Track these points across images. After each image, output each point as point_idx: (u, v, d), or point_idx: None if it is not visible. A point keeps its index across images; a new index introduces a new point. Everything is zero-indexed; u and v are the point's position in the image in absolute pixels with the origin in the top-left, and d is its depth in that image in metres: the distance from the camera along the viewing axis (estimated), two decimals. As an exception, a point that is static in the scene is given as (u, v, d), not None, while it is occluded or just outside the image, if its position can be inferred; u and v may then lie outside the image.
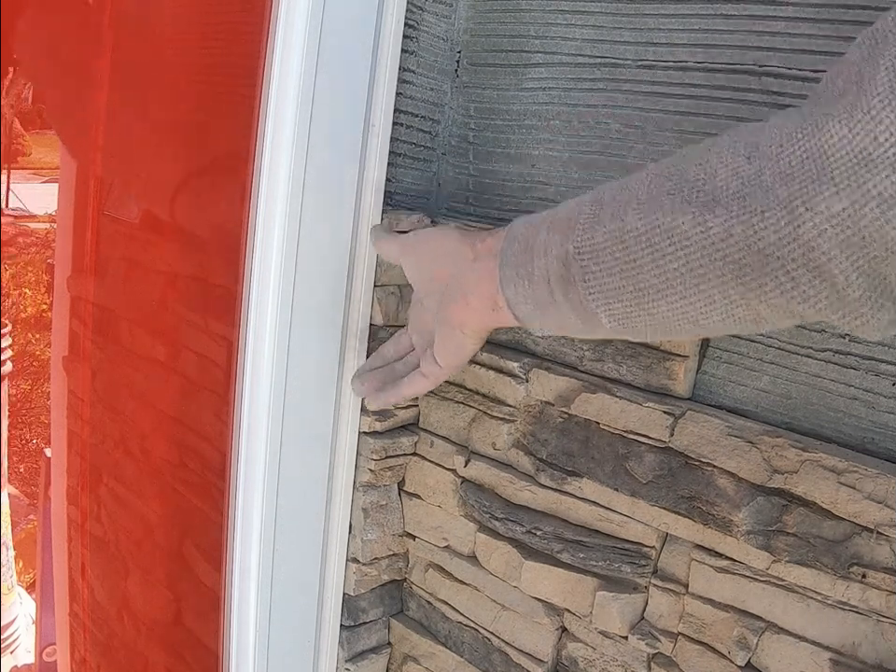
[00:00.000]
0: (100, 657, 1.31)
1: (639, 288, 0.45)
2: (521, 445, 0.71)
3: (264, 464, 0.70)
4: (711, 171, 0.41)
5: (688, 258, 0.42)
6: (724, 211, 0.40)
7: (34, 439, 5.44)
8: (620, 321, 0.47)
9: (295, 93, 0.63)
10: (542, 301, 0.51)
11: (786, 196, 0.37)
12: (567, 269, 0.48)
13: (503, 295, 0.53)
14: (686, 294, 0.43)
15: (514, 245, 0.52)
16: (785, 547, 0.56)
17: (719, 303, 0.43)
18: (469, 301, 0.57)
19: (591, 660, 0.68)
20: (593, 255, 0.46)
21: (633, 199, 0.45)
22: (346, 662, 0.81)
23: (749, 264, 0.40)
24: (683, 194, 0.42)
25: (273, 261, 0.66)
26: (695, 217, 0.41)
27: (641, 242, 0.44)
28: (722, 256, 0.41)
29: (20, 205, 5.47)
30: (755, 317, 0.43)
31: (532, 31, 0.71)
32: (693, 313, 0.44)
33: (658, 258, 0.43)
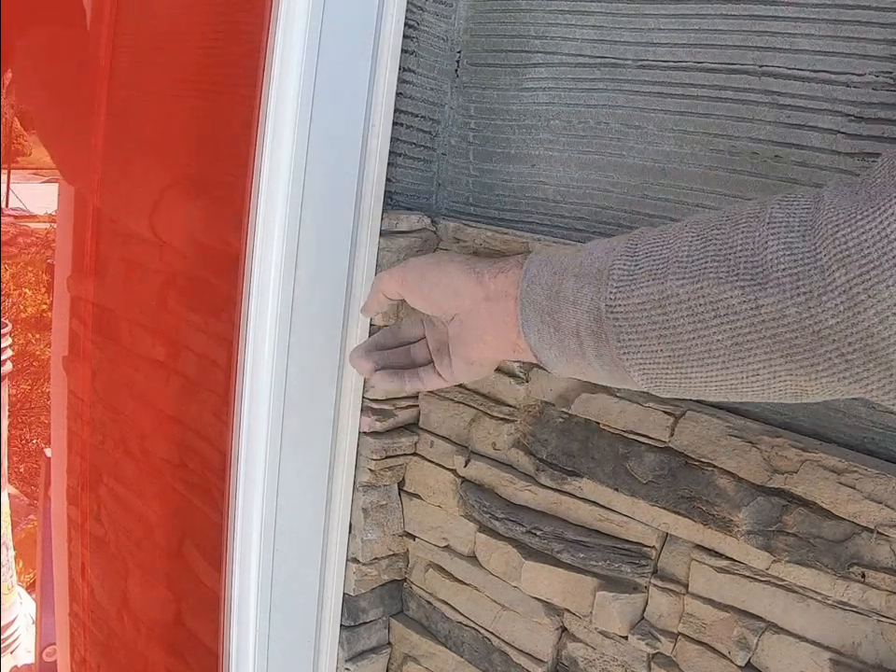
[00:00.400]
0: (100, 657, 1.31)
1: (678, 354, 0.43)
2: (521, 445, 0.71)
3: (264, 464, 0.70)
4: (761, 241, 0.40)
5: (734, 332, 0.41)
6: (777, 289, 0.39)
7: (34, 439, 5.44)
8: (653, 381, 0.46)
9: (295, 93, 0.63)
10: (569, 352, 0.49)
11: (845, 280, 0.36)
12: (600, 325, 0.46)
13: (525, 339, 0.51)
14: (728, 365, 0.42)
15: (536, 290, 0.50)
16: (785, 547, 0.56)
17: (762, 376, 0.42)
18: (486, 343, 0.55)
19: (591, 660, 0.68)
20: (628, 315, 0.45)
21: (673, 259, 0.43)
22: (346, 662, 0.81)
23: (802, 345, 0.39)
24: (730, 263, 0.41)
25: (272, 261, 0.66)
26: (745, 293, 0.40)
27: (682, 310, 0.42)
28: (773, 334, 0.39)
29: (20, 205, 5.47)
30: (798, 391, 0.42)
31: (532, 31, 0.71)
32: (734, 381, 0.43)
33: (701, 328, 0.42)
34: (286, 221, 0.65)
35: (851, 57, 0.54)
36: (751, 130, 0.59)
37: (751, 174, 0.60)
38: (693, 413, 0.60)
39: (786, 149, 0.58)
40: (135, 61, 1.01)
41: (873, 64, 0.54)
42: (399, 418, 0.77)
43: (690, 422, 0.60)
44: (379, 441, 0.76)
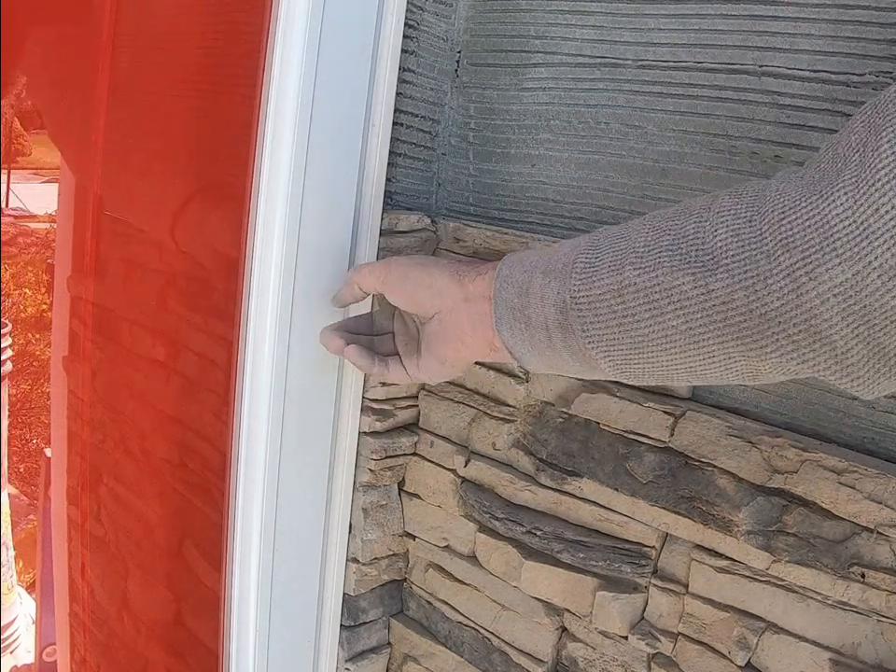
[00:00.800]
0: (100, 657, 1.31)
1: (638, 341, 0.45)
2: (521, 445, 0.71)
3: (264, 464, 0.70)
4: (711, 229, 0.42)
5: (688, 317, 0.43)
6: (726, 274, 0.40)
7: (34, 439, 5.44)
8: (619, 368, 0.48)
9: (295, 93, 0.63)
10: (540, 346, 0.51)
11: (789, 264, 0.38)
12: (565, 317, 0.48)
13: (499, 337, 0.53)
14: (686, 349, 0.44)
15: (508, 289, 0.52)
16: (785, 547, 0.56)
17: (718, 359, 0.43)
18: (464, 342, 0.56)
19: (591, 660, 0.68)
20: (590, 306, 0.46)
21: (630, 251, 0.45)
22: (346, 662, 0.81)
23: (751, 327, 0.40)
24: (682, 251, 0.43)
25: (272, 261, 0.66)
26: (696, 278, 0.42)
27: (640, 298, 0.44)
28: (724, 318, 0.41)
29: (20, 205, 5.47)
30: (753, 372, 0.43)
31: (532, 31, 0.71)
32: (693, 365, 0.44)
33: (657, 314, 0.44)
34: (286, 221, 0.65)
35: (851, 57, 0.54)
36: (751, 130, 0.59)
37: (751, 174, 0.60)
38: (693, 413, 0.60)
39: (786, 149, 0.58)
40: (135, 61, 1.01)
41: (873, 64, 0.54)
42: (398, 418, 0.77)
43: (690, 422, 0.60)
44: (379, 441, 0.76)
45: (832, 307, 0.37)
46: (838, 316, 0.38)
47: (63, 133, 1.19)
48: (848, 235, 0.36)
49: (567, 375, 0.55)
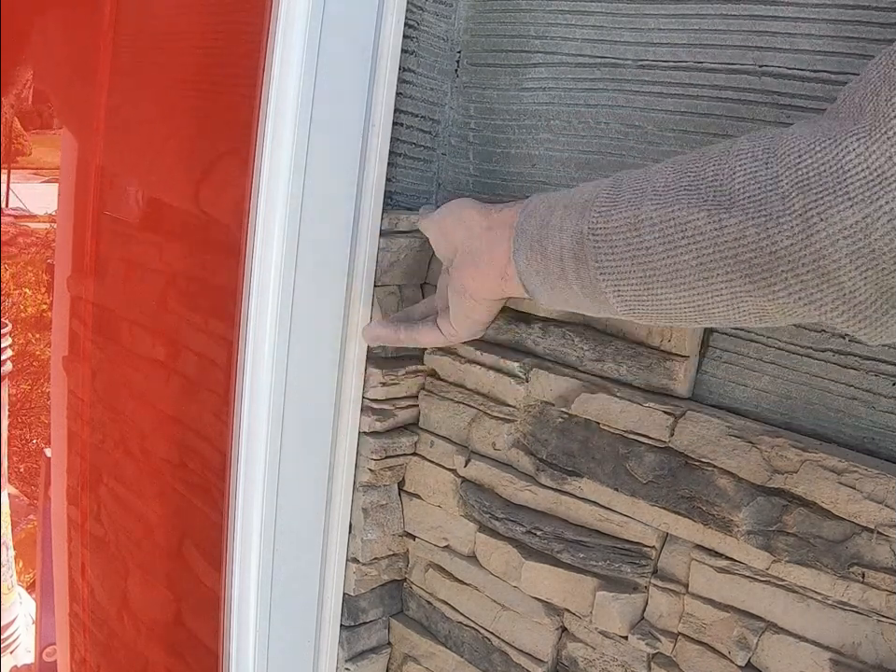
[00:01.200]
0: (100, 657, 1.31)
1: (649, 275, 0.47)
2: (521, 445, 0.71)
3: (264, 464, 0.70)
4: (730, 172, 0.43)
5: (699, 252, 0.44)
6: (740, 212, 0.42)
7: (34, 439, 5.44)
8: (627, 304, 0.49)
9: (295, 93, 0.63)
10: (553, 276, 0.53)
11: (802, 204, 0.39)
12: (581, 248, 0.49)
13: (514, 265, 0.55)
14: (695, 285, 0.45)
15: (531, 220, 0.54)
16: (785, 547, 0.56)
17: (726, 296, 0.44)
18: (479, 267, 0.59)
19: (591, 660, 0.68)
20: (606, 238, 0.48)
21: (650, 189, 0.47)
22: (346, 662, 0.81)
23: (760, 264, 0.41)
24: (700, 191, 0.44)
25: (273, 261, 0.66)
26: (711, 214, 0.43)
27: (655, 231, 0.45)
28: (734, 254, 0.42)
29: (20, 205, 5.47)
30: (760, 312, 0.44)
31: (532, 31, 0.71)
32: (700, 302, 0.46)
33: (670, 248, 0.45)
34: (286, 221, 0.65)
35: (851, 57, 0.54)
36: (751, 130, 0.59)
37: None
38: (693, 413, 0.60)
39: (786, 149, 0.58)
40: (135, 61, 1.01)
41: (873, 64, 0.54)
42: (399, 418, 0.77)
43: (690, 422, 0.60)
44: (379, 441, 0.76)
45: (840, 248, 0.38)
46: (847, 258, 0.38)
47: (66, 133, 1.19)
48: (862, 180, 0.37)
49: (573, 310, 0.56)
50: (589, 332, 0.67)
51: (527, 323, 0.71)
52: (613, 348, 0.65)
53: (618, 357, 0.65)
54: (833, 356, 0.57)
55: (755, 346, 0.60)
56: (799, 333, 0.58)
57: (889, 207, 0.37)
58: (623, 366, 0.65)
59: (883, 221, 0.37)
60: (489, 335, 0.73)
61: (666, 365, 0.62)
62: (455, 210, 0.63)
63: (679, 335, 0.62)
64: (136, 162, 1.07)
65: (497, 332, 0.73)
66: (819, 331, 0.57)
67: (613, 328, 0.66)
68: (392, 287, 0.74)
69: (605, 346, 0.66)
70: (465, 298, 0.62)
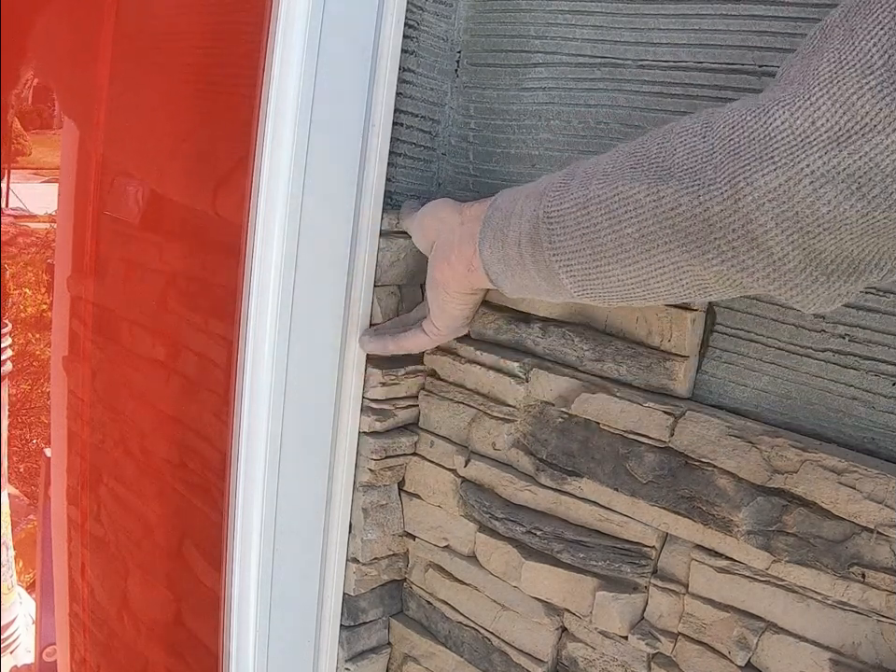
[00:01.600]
0: (100, 657, 1.31)
1: (597, 252, 0.49)
2: (521, 445, 0.71)
3: (264, 464, 0.70)
4: (671, 148, 0.45)
5: (640, 224, 0.46)
6: (676, 182, 0.43)
7: (34, 439, 5.44)
8: (579, 282, 0.51)
9: (295, 93, 0.63)
10: (512, 262, 0.55)
11: (731, 171, 0.41)
12: (536, 231, 0.52)
13: (479, 255, 0.58)
14: (638, 259, 0.47)
15: (497, 213, 0.57)
16: (785, 547, 0.56)
17: (667, 269, 0.46)
18: (449, 261, 0.62)
19: (591, 660, 0.68)
20: (559, 219, 0.50)
21: (600, 171, 0.49)
22: (346, 662, 0.81)
23: (695, 233, 0.43)
24: (644, 168, 0.46)
25: (273, 261, 0.66)
26: (650, 186, 0.45)
27: (602, 208, 0.47)
28: (671, 224, 0.44)
29: (20, 205, 5.47)
30: (701, 284, 0.46)
31: (532, 31, 0.71)
32: (645, 277, 0.47)
33: (615, 223, 0.47)
34: (286, 221, 0.65)
35: (851, 57, 0.54)
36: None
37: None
38: (693, 413, 0.60)
39: (786, 149, 0.58)
40: (135, 62, 1.01)
41: (873, 64, 0.54)
42: (398, 418, 0.77)
43: (690, 422, 0.60)
44: (379, 441, 0.76)
45: (766, 212, 0.40)
46: (772, 222, 0.40)
47: (66, 134, 1.19)
48: (787, 145, 0.39)
49: (535, 296, 0.59)
50: (589, 332, 0.67)
51: (527, 323, 0.71)
52: (613, 348, 0.65)
53: (618, 357, 0.65)
54: (832, 356, 0.57)
55: (755, 346, 0.60)
56: (799, 333, 0.58)
57: (810, 170, 0.38)
58: (623, 366, 0.65)
59: (805, 184, 0.38)
60: (489, 335, 0.73)
61: (666, 365, 0.62)
62: (433, 209, 0.66)
63: (679, 335, 0.62)
64: (136, 163, 1.07)
65: (497, 332, 0.73)
66: (819, 331, 0.57)
67: (613, 327, 0.66)
68: (392, 287, 0.74)
69: (605, 346, 0.66)
70: (439, 291, 0.65)
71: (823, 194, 0.38)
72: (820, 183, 0.38)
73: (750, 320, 0.60)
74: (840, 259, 0.40)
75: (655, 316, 0.63)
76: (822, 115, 0.37)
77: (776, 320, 0.59)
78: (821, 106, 0.37)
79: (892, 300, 0.54)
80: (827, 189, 0.38)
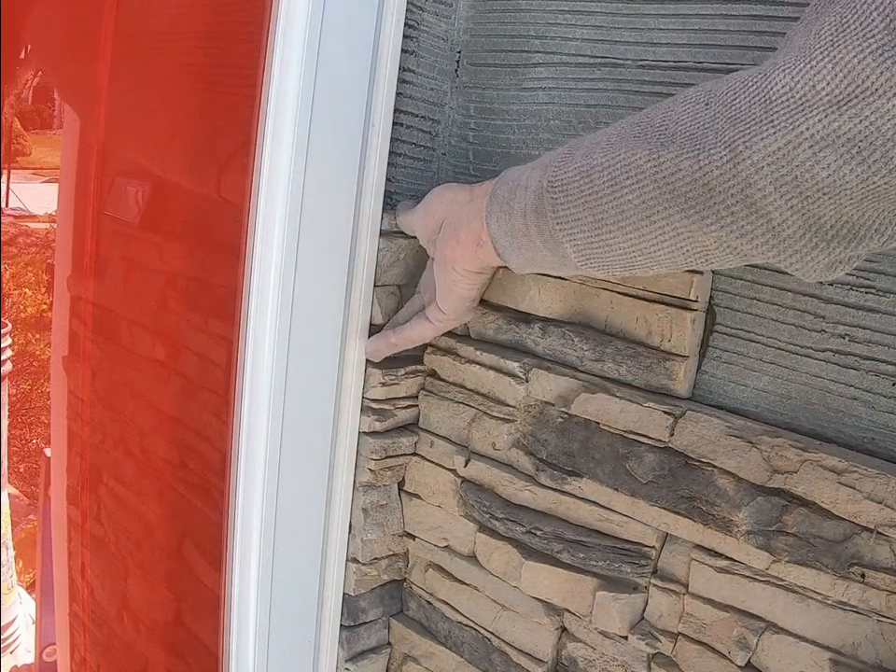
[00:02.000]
0: (100, 657, 1.31)
1: (599, 219, 0.48)
2: (521, 445, 0.71)
3: (264, 464, 0.70)
4: (675, 117, 0.44)
5: (641, 190, 0.45)
6: (677, 147, 0.43)
7: (34, 439, 5.44)
8: (582, 252, 0.51)
9: (295, 93, 0.63)
10: (518, 234, 0.55)
11: (731, 136, 0.40)
12: (541, 200, 0.52)
13: (486, 229, 0.58)
14: (639, 226, 0.47)
15: (503, 186, 0.57)
16: (785, 547, 0.56)
17: (668, 235, 0.46)
18: (458, 238, 0.62)
19: (591, 660, 0.68)
20: (562, 187, 0.50)
21: (605, 140, 0.49)
22: (346, 662, 0.81)
23: (694, 198, 0.43)
24: (647, 136, 0.45)
25: (273, 261, 0.66)
26: (651, 152, 0.44)
27: (604, 175, 0.47)
28: (671, 189, 0.44)
29: (20, 205, 5.47)
30: (702, 251, 0.45)
31: (532, 31, 0.71)
32: (646, 244, 0.47)
33: (616, 189, 0.47)
34: (286, 221, 0.65)
35: (851, 57, 0.54)
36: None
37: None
38: (693, 413, 0.60)
39: (786, 149, 0.58)
40: (135, 62, 1.01)
41: (873, 64, 0.54)
42: (398, 418, 0.77)
43: (690, 422, 0.60)
44: (379, 441, 0.76)
45: (765, 176, 0.39)
46: (771, 186, 0.39)
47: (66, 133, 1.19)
48: (786, 108, 0.38)
49: (540, 270, 0.58)
50: (589, 332, 0.67)
51: (527, 323, 0.71)
52: (613, 348, 0.65)
53: (618, 357, 0.65)
54: (832, 356, 0.57)
55: (755, 346, 0.60)
56: (799, 333, 0.58)
57: (809, 133, 0.37)
58: (623, 366, 0.65)
59: (804, 147, 0.38)
60: (489, 335, 0.73)
61: (666, 365, 0.62)
62: (441, 191, 0.67)
63: (679, 335, 0.62)
64: (137, 163, 1.07)
65: (497, 332, 0.73)
66: (820, 331, 0.57)
67: (613, 327, 0.66)
68: (392, 287, 0.74)
69: (605, 346, 0.66)
70: (448, 270, 0.64)
71: (823, 158, 0.37)
72: (820, 147, 0.37)
73: (750, 320, 0.60)
74: (840, 225, 0.40)
75: (655, 316, 0.63)
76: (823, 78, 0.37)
77: (776, 320, 0.59)
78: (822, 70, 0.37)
79: (892, 300, 0.54)
80: (827, 153, 0.37)
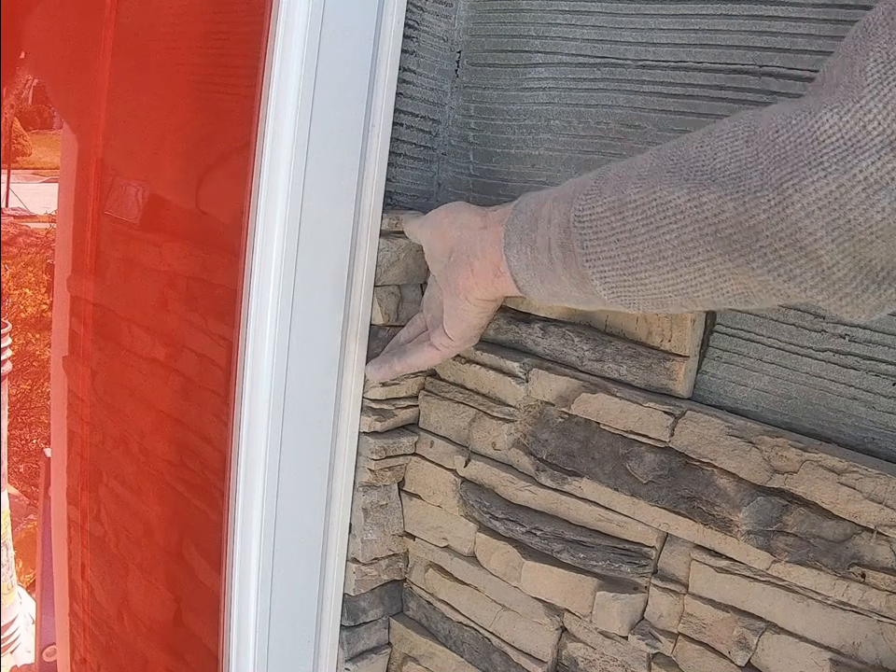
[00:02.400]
0: (100, 657, 1.31)
1: (633, 258, 0.46)
2: (521, 445, 0.71)
3: (264, 464, 0.70)
4: (711, 153, 0.43)
5: (680, 231, 0.44)
6: (719, 188, 0.41)
7: (34, 439, 5.44)
8: (613, 290, 0.49)
9: (295, 93, 0.63)
10: (542, 268, 0.53)
11: (778, 178, 0.39)
12: (568, 236, 0.50)
13: (506, 261, 0.55)
14: (677, 266, 0.45)
15: (521, 215, 0.54)
16: (785, 547, 0.56)
17: (708, 276, 0.44)
18: (473, 267, 0.59)
19: (591, 660, 0.68)
20: (591, 224, 0.48)
21: (634, 174, 0.47)
22: (346, 662, 0.81)
23: (739, 241, 0.41)
24: (682, 172, 0.44)
25: (273, 261, 0.66)
26: (690, 192, 0.43)
27: (638, 213, 0.46)
28: (714, 231, 0.42)
29: (20, 205, 5.47)
30: (744, 293, 0.44)
31: (532, 31, 0.71)
32: (683, 285, 0.45)
33: (652, 229, 0.45)
34: (286, 221, 0.65)
35: (851, 57, 0.54)
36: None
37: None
38: (693, 413, 0.60)
39: (786, 149, 0.58)
40: (135, 62, 1.01)
41: (873, 64, 0.54)
42: (398, 418, 0.77)
43: (690, 422, 0.60)
44: (379, 441, 0.76)
45: (816, 220, 0.38)
46: (823, 230, 0.38)
47: (66, 133, 1.19)
48: (837, 150, 0.37)
49: (565, 304, 0.56)
50: (589, 332, 0.67)
51: (527, 323, 0.71)
52: (613, 348, 0.65)
53: (618, 357, 0.65)
54: (832, 356, 0.57)
55: (755, 346, 0.60)
56: (799, 333, 0.58)
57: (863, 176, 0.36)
58: (623, 366, 0.65)
59: (857, 190, 0.37)
60: (489, 335, 0.73)
61: (666, 365, 0.62)
62: (452, 211, 0.63)
63: (680, 335, 0.62)
64: (137, 163, 1.07)
65: (497, 332, 0.73)
66: (820, 331, 0.57)
67: (613, 327, 0.66)
68: (392, 287, 0.74)
69: (605, 346, 0.66)
70: (459, 300, 0.61)
71: (877, 201, 0.36)
72: (874, 189, 0.36)
73: (750, 320, 0.60)
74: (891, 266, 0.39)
75: (655, 316, 0.63)
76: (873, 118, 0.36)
77: (776, 320, 0.59)
78: (872, 109, 0.36)
79: (892, 300, 0.54)
80: (881, 195, 0.36)
